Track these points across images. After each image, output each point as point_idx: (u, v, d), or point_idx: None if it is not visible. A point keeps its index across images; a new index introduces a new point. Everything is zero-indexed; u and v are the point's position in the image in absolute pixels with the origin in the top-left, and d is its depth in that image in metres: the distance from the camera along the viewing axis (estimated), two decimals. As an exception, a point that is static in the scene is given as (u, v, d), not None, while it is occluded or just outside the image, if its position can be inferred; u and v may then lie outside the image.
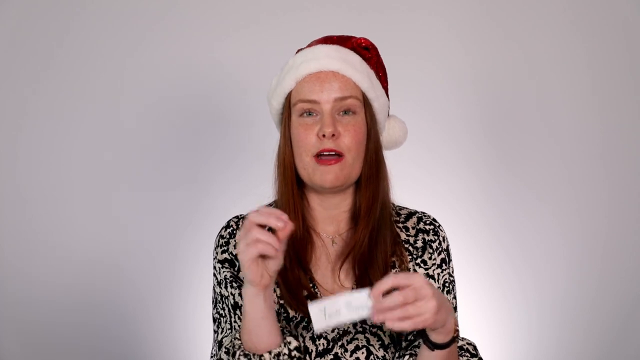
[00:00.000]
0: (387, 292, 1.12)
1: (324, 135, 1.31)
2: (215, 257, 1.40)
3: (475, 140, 2.34)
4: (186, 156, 2.30)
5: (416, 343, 1.31)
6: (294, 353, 1.25)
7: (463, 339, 1.34)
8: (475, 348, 1.33)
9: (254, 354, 1.21)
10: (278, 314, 1.35)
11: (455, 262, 2.15)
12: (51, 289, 2.26)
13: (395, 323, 1.11)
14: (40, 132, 2.28)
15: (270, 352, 1.22)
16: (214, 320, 1.39)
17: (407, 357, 1.30)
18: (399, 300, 1.11)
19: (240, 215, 1.43)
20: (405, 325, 1.11)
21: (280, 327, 1.26)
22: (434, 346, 1.20)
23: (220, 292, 1.37)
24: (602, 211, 2.33)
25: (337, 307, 1.13)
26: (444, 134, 2.33)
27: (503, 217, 2.33)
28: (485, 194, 2.34)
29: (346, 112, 1.34)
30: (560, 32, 2.33)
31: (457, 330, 1.21)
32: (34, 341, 2.26)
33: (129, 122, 2.29)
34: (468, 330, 1.75)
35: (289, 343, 1.26)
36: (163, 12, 2.31)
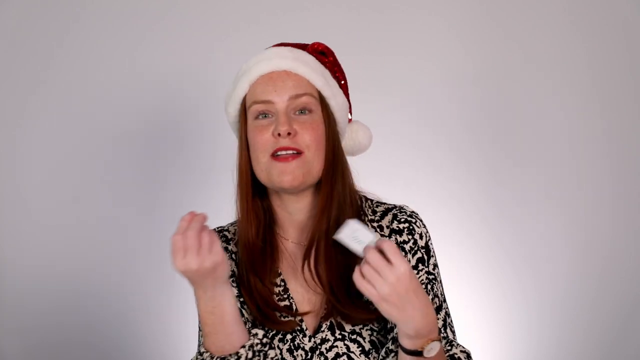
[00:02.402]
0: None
1: (279, 134, 1.28)
2: None
3: (475, 140, 2.34)
4: (187, 156, 2.30)
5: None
6: (265, 340, 1.29)
7: (458, 345, 1.30)
8: (468, 356, 1.28)
9: (230, 355, 1.24)
10: (254, 325, 1.34)
11: (455, 263, 2.16)
12: (50, 289, 2.26)
13: (357, 275, 1.15)
14: (40, 132, 2.28)
15: (244, 346, 1.25)
16: (199, 328, 1.37)
17: (392, 355, 1.28)
18: (371, 257, 1.13)
19: (218, 228, 1.42)
20: (358, 284, 1.15)
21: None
22: (400, 347, 1.20)
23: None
24: (602, 211, 2.33)
25: (363, 238, 1.17)
26: (444, 134, 2.33)
27: (503, 217, 2.33)
28: (485, 194, 2.33)
29: (302, 111, 1.31)
30: (560, 32, 2.33)
31: (423, 349, 1.17)
32: (33, 341, 2.26)
33: (129, 122, 2.29)
34: (468, 330, 1.75)
35: (256, 334, 1.28)
36: (163, 13, 2.31)
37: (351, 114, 1.45)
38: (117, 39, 2.29)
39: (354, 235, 1.16)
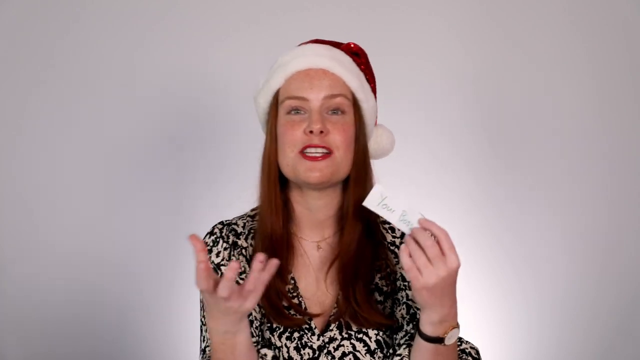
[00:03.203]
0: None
1: (311, 132, 1.28)
2: None
3: (475, 140, 2.34)
4: (187, 156, 2.30)
5: (412, 332, 1.30)
6: None
7: (467, 342, 1.33)
8: (477, 353, 1.31)
9: None
10: (261, 323, 1.33)
11: (455, 262, 2.15)
12: (50, 289, 2.25)
13: (404, 255, 1.11)
14: (40, 132, 2.28)
15: None
16: (200, 324, 1.37)
17: (404, 347, 1.29)
18: (427, 243, 1.11)
19: (226, 221, 1.40)
20: (406, 265, 1.12)
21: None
22: (419, 333, 1.19)
23: (202, 299, 1.34)
24: (602, 211, 2.33)
25: (394, 206, 1.14)
26: (444, 133, 2.33)
27: (503, 217, 2.33)
28: (485, 194, 2.33)
29: (335, 111, 1.31)
30: (561, 32, 2.33)
31: (445, 335, 1.17)
32: (33, 341, 2.26)
33: (129, 122, 2.29)
34: (468, 330, 1.75)
35: (265, 356, 1.26)
36: (163, 13, 2.30)
37: (376, 117, 1.45)
38: (118, 39, 2.29)
39: (384, 203, 1.14)
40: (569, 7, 2.33)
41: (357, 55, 1.39)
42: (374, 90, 1.42)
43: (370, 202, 1.15)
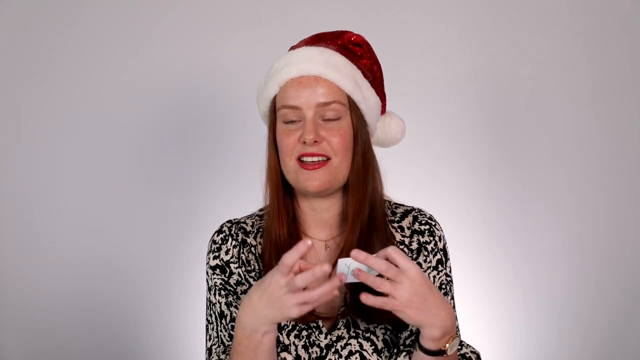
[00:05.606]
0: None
1: (304, 142, 1.28)
2: (207, 262, 1.37)
3: (476, 140, 2.34)
4: (187, 157, 2.30)
5: (410, 342, 1.30)
6: None
7: (468, 345, 1.33)
8: (478, 357, 1.31)
9: None
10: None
11: (456, 262, 2.16)
12: (51, 291, 2.26)
13: (366, 295, 1.12)
14: (40, 134, 2.28)
15: None
16: (206, 323, 1.38)
17: (404, 354, 1.29)
18: (383, 267, 1.11)
19: (234, 219, 1.41)
20: (377, 302, 1.12)
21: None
22: (419, 347, 1.19)
23: (209, 297, 1.36)
24: (602, 211, 2.33)
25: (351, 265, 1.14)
26: (445, 134, 2.33)
27: (503, 217, 2.33)
28: (485, 194, 2.34)
29: (330, 118, 1.31)
30: (561, 33, 2.34)
31: (446, 347, 1.17)
32: (33, 342, 2.26)
33: (129, 124, 2.29)
34: (468, 330, 1.75)
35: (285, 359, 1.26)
36: (163, 14, 2.31)
37: (385, 106, 1.44)
38: (118, 40, 2.29)
39: (351, 269, 1.13)
40: (570, 7, 2.34)
41: (359, 45, 1.37)
42: (380, 75, 1.40)
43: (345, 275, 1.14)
